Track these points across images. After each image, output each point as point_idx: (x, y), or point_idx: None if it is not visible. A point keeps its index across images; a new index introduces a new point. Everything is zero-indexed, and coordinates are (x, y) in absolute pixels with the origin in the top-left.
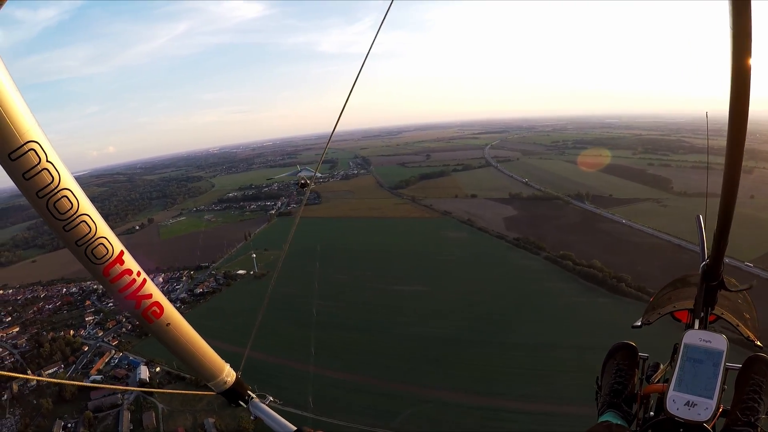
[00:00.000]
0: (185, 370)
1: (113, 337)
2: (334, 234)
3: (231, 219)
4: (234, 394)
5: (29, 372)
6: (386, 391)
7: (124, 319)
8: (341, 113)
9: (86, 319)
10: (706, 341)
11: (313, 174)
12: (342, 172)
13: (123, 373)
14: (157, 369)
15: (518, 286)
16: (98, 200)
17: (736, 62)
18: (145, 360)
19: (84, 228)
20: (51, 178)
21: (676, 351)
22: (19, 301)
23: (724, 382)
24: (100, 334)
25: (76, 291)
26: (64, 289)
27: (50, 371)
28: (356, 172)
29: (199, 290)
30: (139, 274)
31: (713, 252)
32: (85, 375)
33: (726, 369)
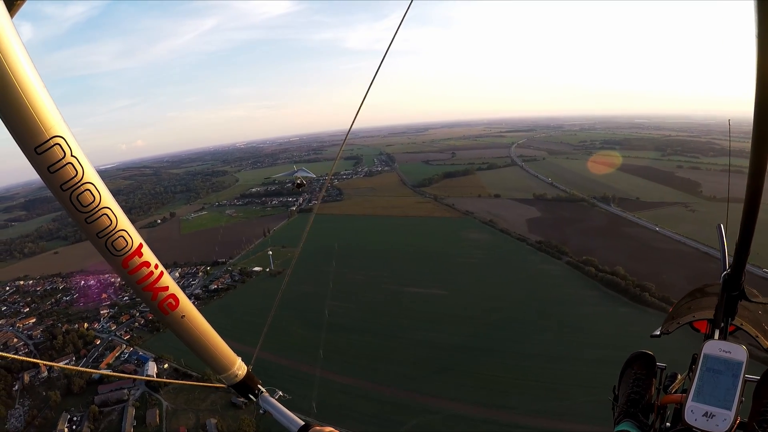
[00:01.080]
0: (198, 363)
1: (125, 332)
2: (353, 232)
3: (252, 214)
4: (244, 388)
5: (41, 360)
6: (393, 399)
7: (137, 314)
8: (359, 108)
9: (101, 312)
10: (726, 352)
11: (309, 175)
12: (366, 169)
13: (132, 368)
14: (165, 365)
15: (537, 292)
16: (123, 193)
17: (761, 65)
18: (154, 356)
19: (105, 221)
20: (75, 171)
21: (694, 361)
22: (38, 292)
23: (742, 394)
24: (113, 328)
25: (94, 283)
26: (83, 282)
27: (61, 363)
28: (380, 169)
29: (213, 286)
30: (156, 266)
31: (735, 261)
32: (96, 369)
33: (744, 380)
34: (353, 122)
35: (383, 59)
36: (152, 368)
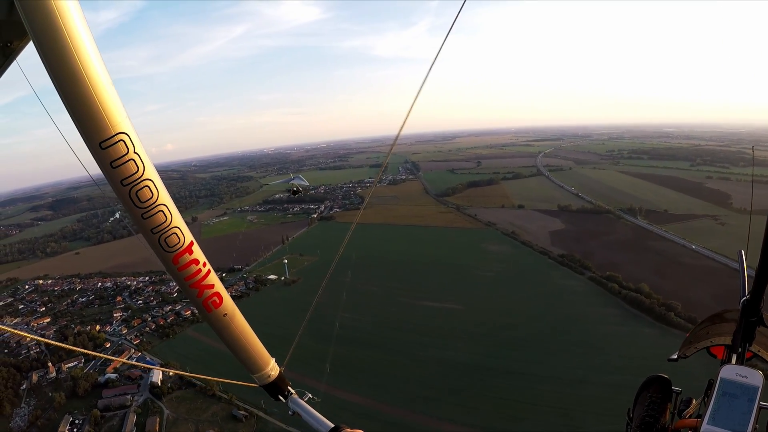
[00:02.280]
0: (206, 370)
1: (135, 336)
2: (372, 241)
3: (273, 221)
4: (275, 389)
5: (50, 364)
6: (399, 419)
7: (149, 318)
8: (405, 120)
9: (114, 315)
10: (743, 376)
11: (303, 183)
12: (390, 177)
13: (137, 374)
14: (171, 373)
15: (557, 309)
16: None
17: None
18: (160, 362)
19: (161, 217)
20: (136, 168)
21: (710, 386)
22: (56, 292)
23: (757, 419)
24: (124, 332)
25: (111, 286)
26: (99, 284)
27: (70, 365)
28: (404, 177)
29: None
30: (204, 264)
31: (754, 288)
32: (102, 372)
33: (759, 406)
34: (399, 132)
35: (430, 68)
36: (157, 375)
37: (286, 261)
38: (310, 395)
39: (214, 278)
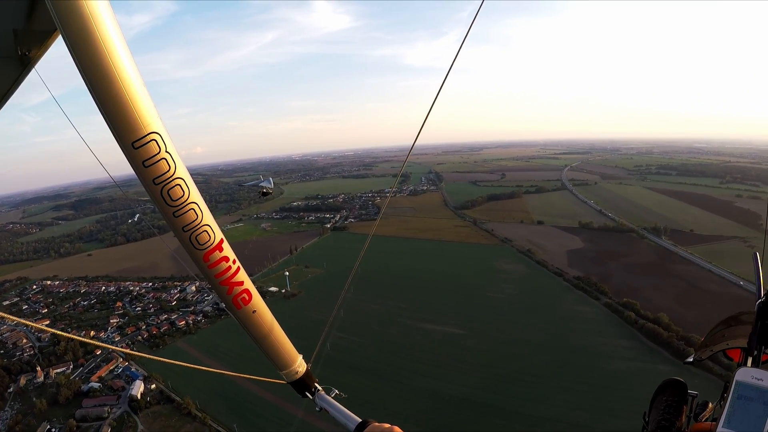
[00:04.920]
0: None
1: (125, 344)
2: (381, 255)
3: (286, 229)
4: (302, 385)
5: (39, 369)
6: None
7: (144, 326)
8: (421, 128)
9: (111, 321)
10: (758, 379)
11: (270, 185)
12: (411, 188)
13: (120, 384)
14: (153, 386)
15: (566, 339)
16: None
17: None
18: (144, 375)
19: (192, 215)
20: (168, 167)
21: (726, 390)
22: (61, 294)
23: None
24: (117, 339)
25: (114, 290)
26: (104, 287)
27: (58, 370)
28: (425, 188)
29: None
30: (234, 261)
31: None
32: (86, 380)
33: None
34: (414, 142)
35: (446, 77)
36: (138, 388)
37: (288, 273)
38: (336, 391)
39: (243, 275)
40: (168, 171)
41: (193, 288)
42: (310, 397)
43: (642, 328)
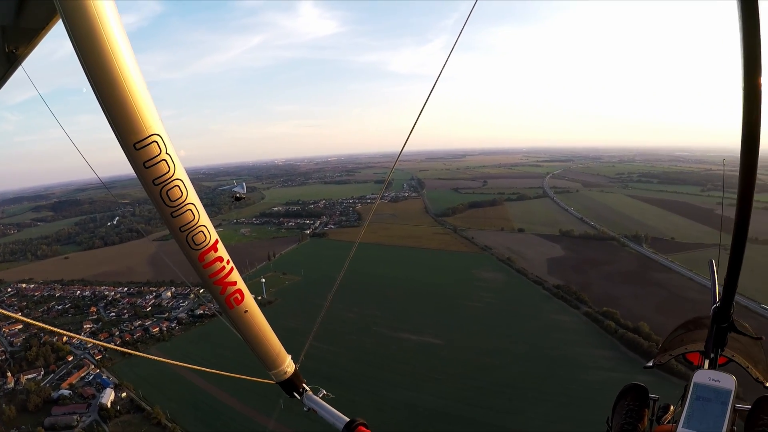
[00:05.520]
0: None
1: (98, 351)
2: (360, 262)
3: (265, 235)
4: (290, 386)
5: (9, 374)
6: None
7: (117, 332)
8: (408, 137)
9: (84, 326)
10: (715, 380)
11: (243, 191)
12: (392, 194)
13: (90, 392)
14: (123, 394)
15: (544, 349)
16: (149, 203)
17: (747, 93)
18: (115, 383)
19: (189, 216)
20: (168, 168)
21: (686, 392)
22: (35, 298)
23: (733, 422)
24: (89, 345)
25: (89, 294)
26: (78, 292)
27: (29, 376)
28: (407, 194)
29: (199, 311)
30: (228, 262)
31: (724, 294)
32: (57, 387)
33: (735, 409)
34: (403, 148)
35: (434, 86)
36: (108, 396)
37: (264, 280)
38: (324, 392)
39: (236, 275)
40: (168, 172)
41: (169, 294)
42: (298, 397)
43: (622, 338)
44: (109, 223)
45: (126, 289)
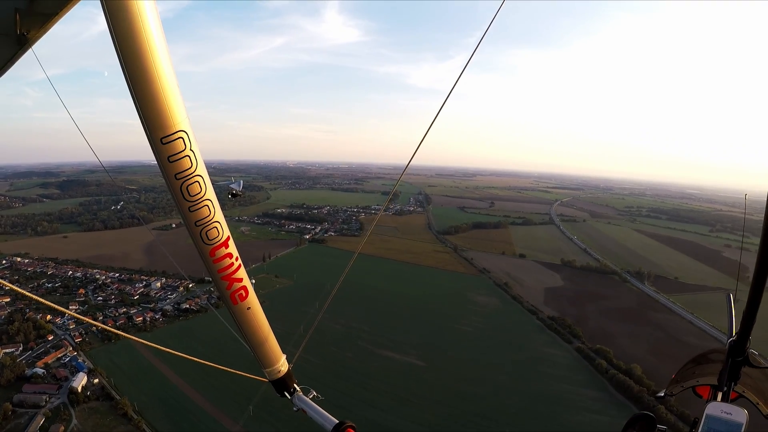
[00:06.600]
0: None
1: (79, 333)
2: (355, 272)
3: (264, 235)
4: (282, 385)
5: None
6: None
7: (101, 317)
8: (417, 149)
9: (70, 307)
10: (728, 413)
11: (239, 188)
12: (397, 207)
13: (63, 374)
14: (96, 380)
15: (531, 383)
16: (155, 191)
17: None
18: (87, 369)
19: (206, 211)
20: (190, 164)
21: (695, 425)
22: (28, 273)
23: None
24: (71, 326)
25: (80, 276)
26: (70, 272)
27: (7, 350)
28: (412, 209)
29: (185, 306)
30: (237, 259)
31: (741, 328)
32: (32, 365)
33: None
34: (410, 160)
35: (445, 101)
36: (80, 380)
37: (254, 281)
38: (315, 393)
39: (243, 273)
40: (190, 168)
41: (159, 284)
42: (289, 397)
43: (612, 379)
44: (112, 207)
45: (117, 274)
